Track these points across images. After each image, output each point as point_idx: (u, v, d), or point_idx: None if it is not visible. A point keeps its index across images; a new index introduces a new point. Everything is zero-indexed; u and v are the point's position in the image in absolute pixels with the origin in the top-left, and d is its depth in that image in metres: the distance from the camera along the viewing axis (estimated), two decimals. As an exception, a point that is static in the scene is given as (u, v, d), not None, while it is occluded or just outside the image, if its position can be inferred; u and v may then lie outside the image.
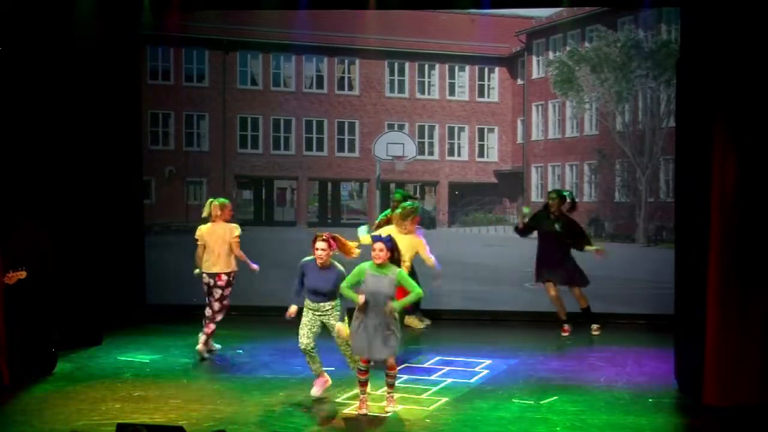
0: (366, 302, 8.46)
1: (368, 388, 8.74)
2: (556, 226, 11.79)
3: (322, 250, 8.83)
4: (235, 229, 10.88)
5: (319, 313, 9.01)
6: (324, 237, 8.91)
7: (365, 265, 8.54)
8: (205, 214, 10.94)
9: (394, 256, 8.68)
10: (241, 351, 11.24)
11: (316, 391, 9.17)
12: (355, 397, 8.94)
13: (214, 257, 10.78)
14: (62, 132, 10.90)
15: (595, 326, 12.10)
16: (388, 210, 11.92)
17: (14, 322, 9.49)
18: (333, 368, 9.70)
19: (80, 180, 11.37)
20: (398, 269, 8.60)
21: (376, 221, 12.07)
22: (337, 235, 9.08)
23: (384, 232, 10.11)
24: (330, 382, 9.26)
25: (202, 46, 14.53)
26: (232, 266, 10.88)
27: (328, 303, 8.99)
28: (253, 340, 11.83)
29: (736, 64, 8.48)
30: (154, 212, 14.27)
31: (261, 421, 8.32)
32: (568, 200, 11.93)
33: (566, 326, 11.97)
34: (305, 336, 9.02)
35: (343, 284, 8.65)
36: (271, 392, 9.30)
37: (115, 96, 12.60)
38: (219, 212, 10.83)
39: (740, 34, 8.47)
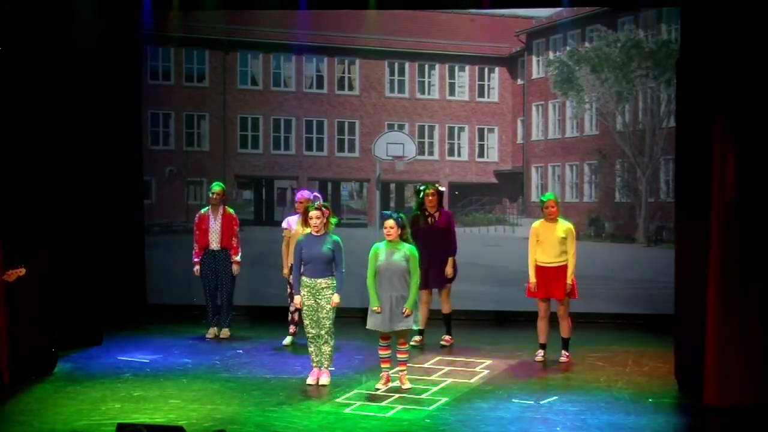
0: (381, 277, 9.02)
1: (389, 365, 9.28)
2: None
3: (317, 218, 9.23)
4: None
5: (314, 291, 9.26)
6: (317, 206, 9.40)
7: (377, 244, 9.12)
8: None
9: (404, 233, 9.09)
10: (241, 351, 11.24)
11: (325, 380, 9.53)
12: (354, 398, 8.97)
13: None
14: (62, 132, 10.88)
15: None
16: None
17: (14, 321, 9.49)
18: (333, 368, 9.70)
19: (80, 180, 11.38)
20: (410, 246, 9.10)
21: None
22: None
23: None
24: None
25: (202, 46, 14.50)
26: None
27: (323, 280, 9.16)
28: (253, 340, 11.83)
29: (736, 64, 8.48)
30: (154, 212, 14.25)
31: (261, 421, 8.32)
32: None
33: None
34: (309, 327, 9.44)
35: (368, 277, 9.11)
36: (271, 392, 9.30)
37: (115, 96, 12.62)
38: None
39: (740, 34, 8.47)
